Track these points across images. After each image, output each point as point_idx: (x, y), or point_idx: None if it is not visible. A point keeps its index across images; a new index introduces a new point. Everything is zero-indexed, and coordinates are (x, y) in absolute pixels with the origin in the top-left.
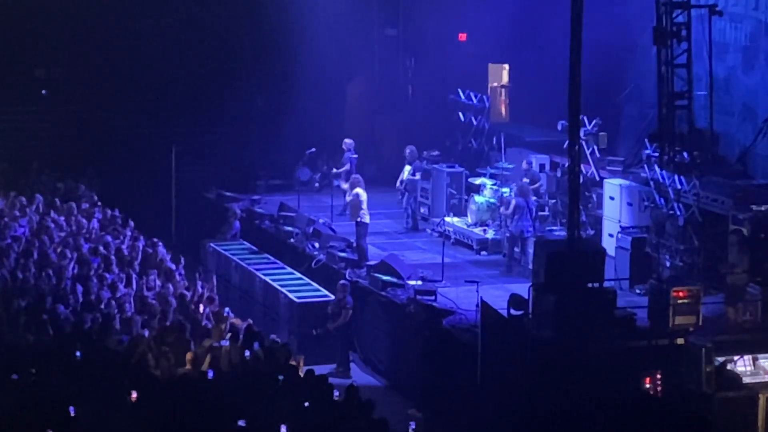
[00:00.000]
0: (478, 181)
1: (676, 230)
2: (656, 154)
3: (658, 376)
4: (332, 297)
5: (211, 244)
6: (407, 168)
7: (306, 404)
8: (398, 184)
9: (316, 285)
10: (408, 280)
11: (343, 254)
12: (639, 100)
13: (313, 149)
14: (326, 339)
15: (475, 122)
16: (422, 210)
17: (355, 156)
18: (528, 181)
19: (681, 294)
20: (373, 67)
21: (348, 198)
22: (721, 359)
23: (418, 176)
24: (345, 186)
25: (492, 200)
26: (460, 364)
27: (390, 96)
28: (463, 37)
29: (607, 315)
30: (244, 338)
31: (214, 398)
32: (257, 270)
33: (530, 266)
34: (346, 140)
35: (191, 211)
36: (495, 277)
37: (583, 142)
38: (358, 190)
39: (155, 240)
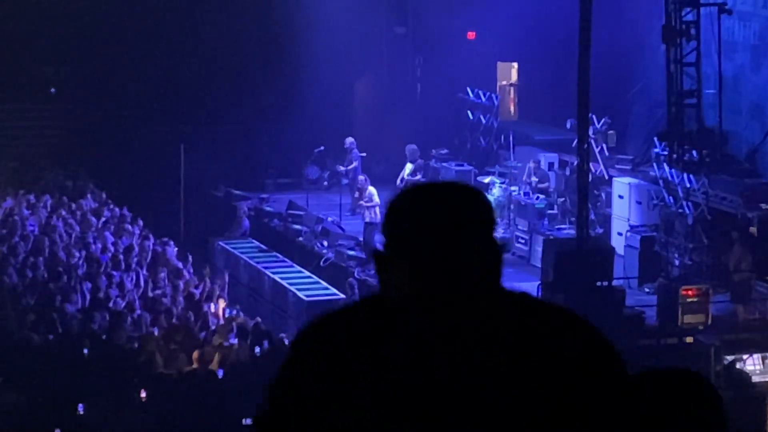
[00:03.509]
0: (487, 179)
1: (685, 229)
2: (665, 153)
3: None
4: (341, 295)
5: (220, 243)
6: (408, 166)
7: None
8: (398, 182)
9: (325, 283)
10: None
11: (351, 252)
12: (648, 99)
13: (322, 147)
14: None
15: (483, 120)
16: None
17: (363, 154)
18: (536, 180)
19: (690, 292)
20: (382, 65)
21: (368, 202)
22: (730, 358)
23: (418, 176)
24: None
25: (501, 199)
26: None
27: (398, 94)
28: (472, 35)
29: (616, 314)
30: (252, 337)
31: (222, 397)
32: (266, 268)
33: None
34: (348, 138)
35: (200, 209)
36: (503, 275)
37: (592, 141)
38: (371, 189)
39: (165, 239)
